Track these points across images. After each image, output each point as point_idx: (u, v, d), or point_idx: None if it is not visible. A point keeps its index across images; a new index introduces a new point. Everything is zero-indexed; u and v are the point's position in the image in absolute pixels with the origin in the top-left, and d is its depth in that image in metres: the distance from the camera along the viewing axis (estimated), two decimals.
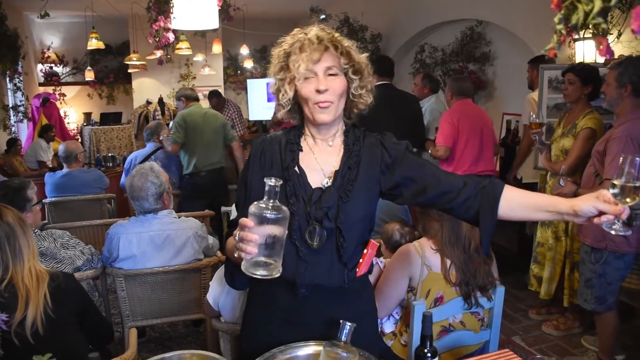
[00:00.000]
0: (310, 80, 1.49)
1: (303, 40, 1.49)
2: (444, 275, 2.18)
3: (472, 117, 4.10)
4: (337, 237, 1.54)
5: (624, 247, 2.88)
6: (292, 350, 1.55)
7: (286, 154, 1.59)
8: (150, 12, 5.04)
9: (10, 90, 7.70)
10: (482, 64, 5.73)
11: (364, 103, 1.59)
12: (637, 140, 2.74)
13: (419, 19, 6.44)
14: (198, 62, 9.76)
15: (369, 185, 1.57)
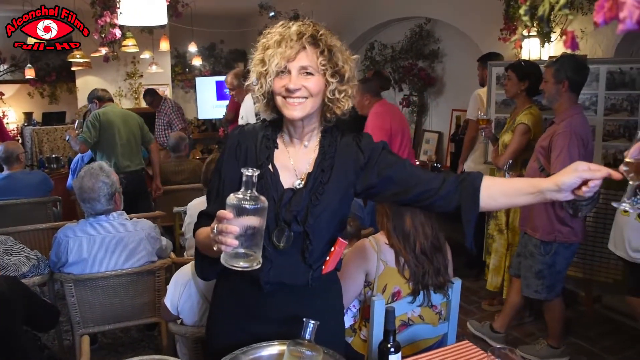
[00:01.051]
0: (283, 77, 1.45)
1: (283, 34, 1.44)
2: (399, 270, 2.19)
3: (397, 116, 4.26)
4: (304, 240, 1.52)
5: (572, 237, 3.01)
6: (256, 350, 1.53)
7: (261, 150, 1.56)
8: (95, 7, 4.87)
9: None
10: (432, 61, 5.83)
11: (340, 108, 1.52)
12: (579, 135, 2.85)
13: (368, 16, 6.49)
14: (145, 59, 9.50)
15: (342, 188, 1.55)
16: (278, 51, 1.42)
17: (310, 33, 1.44)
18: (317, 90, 1.46)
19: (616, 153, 3.73)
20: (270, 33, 1.49)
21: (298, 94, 1.45)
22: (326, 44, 1.45)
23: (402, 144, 4.17)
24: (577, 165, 1.32)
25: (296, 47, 1.42)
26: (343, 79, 1.49)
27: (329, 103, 1.52)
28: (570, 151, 2.82)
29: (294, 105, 1.46)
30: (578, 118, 2.93)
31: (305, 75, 1.45)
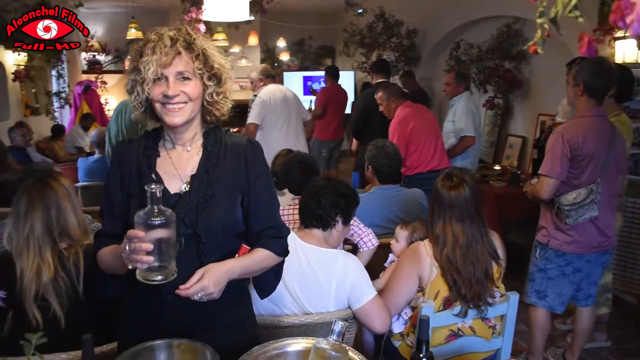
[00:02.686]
0: (160, 83, 1.44)
1: (155, 42, 1.42)
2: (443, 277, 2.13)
3: (421, 117, 4.31)
4: (198, 243, 1.49)
5: (565, 246, 2.85)
6: (283, 345, 1.55)
7: (143, 160, 1.55)
8: (185, 3, 5.09)
9: (54, 77, 7.93)
10: (519, 62, 5.57)
11: (219, 110, 1.55)
12: (567, 137, 2.73)
13: (455, 15, 6.31)
14: (235, 53, 9.84)
15: (231, 191, 1.55)
16: (153, 58, 1.40)
17: (184, 38, 1.44)
18: (195, 94, 1.47)
19: None
20: (142, 40, 1.47)
21: (177, 100, 1.45)
22: (200, 47, 1.46)
23: (426, 144, 4.19)
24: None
25: (171, 53, 1.41)
26: (220, 81, 1.51)
27: (208, 106, 1.53)
28: (554, 152, 2.74)
29: (174, 111, 1.46)
30: (579, 121, 2.80)
31: (182, 81, 1.45)
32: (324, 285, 2.05)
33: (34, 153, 6.19)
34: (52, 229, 1.98)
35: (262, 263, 1.58)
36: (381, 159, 3.14)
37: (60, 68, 7.79)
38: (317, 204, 2.15)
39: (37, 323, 1.89)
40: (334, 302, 2.06)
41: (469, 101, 4.62)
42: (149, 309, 1.56)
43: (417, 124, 4.20)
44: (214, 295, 1.42)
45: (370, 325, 2.09)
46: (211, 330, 1.53)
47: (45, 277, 1.93)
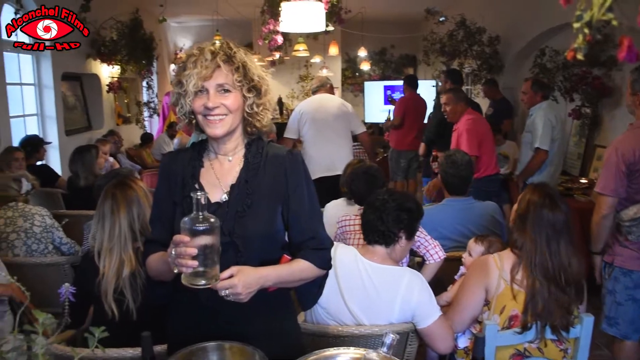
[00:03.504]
0: (202, 96, 1.48)
1: (197, 56, 1.47)
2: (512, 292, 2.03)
3: (487, 125, 4.61)
4: (235, 252, 1.50)
5: (631, 262, 2.63)
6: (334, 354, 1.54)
7: (187, 171, 1.59)
8: (264, 15, 5.24)
9: (145, 88, 8.40)
10: (609, 68, 5.24)
11: (260, 121, 1.57)
12: (621, 151, 2.56)
13: (540, 20, 6.05)
14: (316, 63, 9.98)
15: (270, 201, 1.56)
16: (194, 72, 1.45)
17: (224, 52, 1.48)
18: (235, 106, 1.51)
19: None
20: (186, 55, 1.51)
21: (217, 112, 1.49)
22: (240, 60, 1.49)
23: (492, 147, 4.51)
24: None
25: (211, 66, 1.46)
26: (260, 93, 1.54)
27: (248, 117, 1.56)
28: (609, 167, 2.58)
29: (215, 122, 1.50)
30: (636, 132, 2.60)
31: (222, 93, 1.49)
32: (388, 303, 2.02)
33: (124, 159, 6.60)
34: (134, 226, 2.12)
35: (300, 274, 1.59)
36: (449, 170, 3.06)
37: (150, 79, 8.25)
38: (379, 220, 2.10)
39: (114, 316, 2.02)
40: (397, 320, 2.03)
41: (548, 111, 4.39)
42: (191, 314, 1.61)
43: (485, 129, 4.44)
44: (241, 297, 1.43)
45: (433, 346, 2.05)
46: (252, 338, 1.53)
47: (125, 272, 2.06)
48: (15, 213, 3.19)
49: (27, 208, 3.24)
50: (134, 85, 8.52)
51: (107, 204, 2.17)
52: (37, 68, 5.87)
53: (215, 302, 1.48)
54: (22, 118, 5.73)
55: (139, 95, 8.66)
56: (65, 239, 3.31)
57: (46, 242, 3.25)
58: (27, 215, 3.20)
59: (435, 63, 8.13)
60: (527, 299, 2.01)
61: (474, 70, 7.27)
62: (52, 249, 3.28)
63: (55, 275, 3.06)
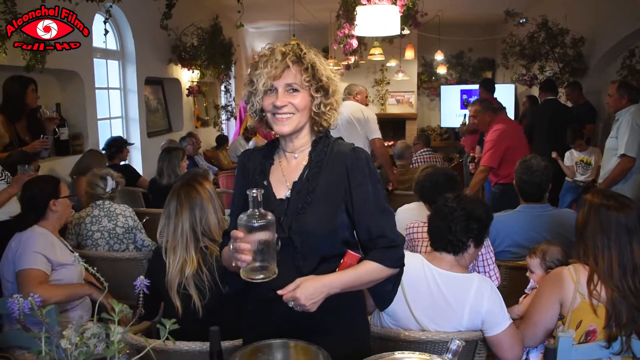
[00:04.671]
0: (271, 95, 1.54)
1: (268, 56, 1.52)
2: (591, 306, 1.94)
3: (518, 132, 4.84)
4: (292, 248, 1.53)
5: None
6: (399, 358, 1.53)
7: (258, 167, 1.65)
8: (339, 19, 5.27)
9: (223, 92, 8.67)
10: None
11: (327, 120, 1.61)
12: None
13: (629, 19, 5.70)
14: (392, 67, 9.92)
15: (331, 198, 1.58)
16: (264, 71, 1.50)
17: (294, 52, 1.53)
18: (303, 105, 1.55)
19: None
20: (258, 55, 1.58)
21: (285, 110, 1.54)
22: (309, 60, 1.54)
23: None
24: None
25: (281, 66, 1.51)
26: (327, 93, 1.58)
27: (315, 117, 1.59)
28: None
29: (283, 120, 1.55)
30: None
31: (291, 92, 1.54)
32: (456, 310, 1.98)
33: (201, 161, 6.84)
34: (196, 227, 2.19)
35: (369, 276, 1.59)
36: (522, 174, 2.96)
37: (228, 84, 8.50)
38: (447, 230, 2.05)
39: (179, 311, 2.10)
40: (466, 327, 1.99)
41: (636, 115, 4.14)
42: (259, 308, 1.67)
43: (513, 136, 4.64)
44: (306, 307, 1.49)
45: (502, 355, 1.99)
46: (320, 334, 1.56)
47: (188, 271, 2.14)
48: (101, 212, 3.34)
49: (113, 207, 3.37)
50: (212, 89, 8.81)
51: (172, 204, 2.26)
52: (122, 73, 6.21)
53: (278, 297, 1.52)
54: (108, 120, 6.08)
55: (217, 99, 8.94)
56: (147, 240, 3.42)
57: (127, 242, 3.37)
58: (111, 216, 3.33)
59: (514, 66, 7.87)
60: (609, 312, 1.91)
61: (556, 73, 6.97)
62: (132, 249, 3.40)
63: (133, 270, 3.18)
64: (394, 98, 10.92)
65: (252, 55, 11.00)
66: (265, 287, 1.53)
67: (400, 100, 10.87)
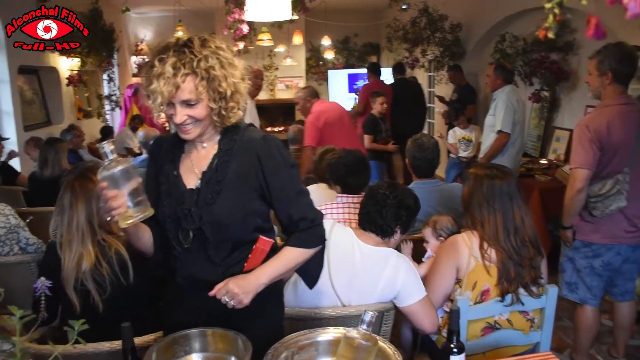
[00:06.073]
0: (169, 108, 1.49)
1: (161, 71, 1.43)
2: (484, 267, 2.11)
3: (334, 110, 5.08)
4: (203, 238, 1.56)
5: (590, 235, 2.81)
6: (314, 335, 1.58)
7: (167, 155, 1.65)
8: (228, 4, 5.18)
9: (106, 81, 8.23)
10: (566, 53, 5.41)
11: (230, 119, 1.56)
12: (593, 128, 2.67)
13: (500, 7, 6.18)
14: (280, 53, 9.94)
15: (242, 187, 1.58)
16: (158, 89, 1.43)
17: (188, 61, 1.43)
18: (203, 115, 1.51)
19: None
20: (148, 61, 1.48)
21: (186, 123, 1.51)
22: (205, 68, 1.45)
23: (340, 134, 4.84)
24: None
25: (176, 83, 1.43)
26: (227, 98, 1.51)
27: (218, 120, 1.55)
28: (582, 144, 2.67)
29: (185, 130, 1.53)
30: (605, 110, 2.72)
31: (188, 106, 1.48)
32: (370, 283, 2.07)
33: (86, 155, 6.46)
34: (92, 220, 2.09)
35: (295, 261, 1.64)
36: (416, 153, 3.12)
37: (111, 72, 8.08)
38: (379, 214, 2.15)
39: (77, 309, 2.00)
40: (378, 299, 2.08)
41: (510, 95, 4.52)
42: (175, 297, 1.66)
43: (330, 116, 4.92)
44: (240, 297, 1.51)
45: (420, 325, 2.10)
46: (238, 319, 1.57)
47: (85, 265, 2.03)
48: None
49: None
50: (94, 78, 8.33)
51: (66, 197, 2.13)
52: None
53: (190, 283, 1.56)
54: None
55: (100, 89, 8.48)
56: (32, 239, 3.11)
57: (11, 243, 3.04)
58: None
59: (398, 50, 8.21)
60: (500, 270, 2.10)
61: (437, 57, 7.37)
62: (17, 250, 3.08)
63: (22, 274, 2.95)
64: (283, 83, 10.97)
65: (135, 42, 10.51)
66: (179, 275, 1.56)
67: (289, 86, 10.94)
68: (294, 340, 1.56)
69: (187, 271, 1.60)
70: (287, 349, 1.52)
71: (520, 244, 2.12)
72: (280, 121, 10.68)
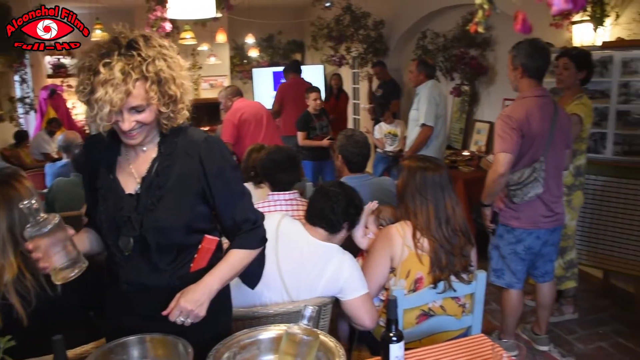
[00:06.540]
0: (115, 115, 1.39)
1: (107, 77, 1.32)
2: (417, 256, 2.18)
3: (251, 108, 5.22)
4: (145, 245, 1.51)
5: (513, 221, 2.97)
6: (256, 334, 1.58)
7: (103, 158, 1.57)
8: (150, 2, 5.03)
9: (18, 82, 7.78)
10: (483, 49, 5.67)
11: (176, 121, 1.50)
12: (514, 117, 2.80)
13: (421, 4, 6.38)
14: (203, 51, 9.77)
15: (184, 191, 1.52)
16: (106, 98, 1.32)
17: (137, 66, 1.35)
18: (150, 119, 1.44)
19: None
20: (90, 65, 1.35)
21: (132, 128, 1.42)
22: (155, 71, 1.37)
23: (255, 131, 5.05)
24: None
25: (124, 91, 1.33)
26: (177, 101, 1.45)
27: (165, 122, 1.50)
28: (504, 132, 2.80)
29: (130, 136, 1.45)
30: (523, 102, 2.88)
31: (137, 112, 1.41)
32: (315, 278, 2.09)
33: None
34: (14, 229, 1.95)
35: (242, 263, 1.61)
36: (350, 148, 3.17)
37: (23, 73, 7.65)
38: (330, 209, 2.20)
39: None
40: (320, 294, 2.10)
41: (432, 89, 4.69)
42: (117, 303, 1.60)
43: (246, 113, 5.04)
44: (195, 312, 1.47)
45: (361, 320, 2.13)
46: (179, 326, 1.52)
47: (7, 278, 1.90)
48: None
49: None
50: (4, 79, 7.85)
51: None
52: None
53: (133, 287, 1.50)
54: None
55: (12, 90, 8.00)
56: None
57: None
58: None
59: (323, 48, 8.28)
60: (432, 259, 2.18)
61: (361, 53, 7.50)
62: None
63: None
64: (207, 82, 10.80)
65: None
66: (124, 281, 1.50)
67: (213, 85, 10.78)
68: (235, 340, 1.55)
69: (132, 278, 1.54)
70: (228, 349, 1.51)
71: (452, 233, 2.20)
72: (205, 121, 10.48)
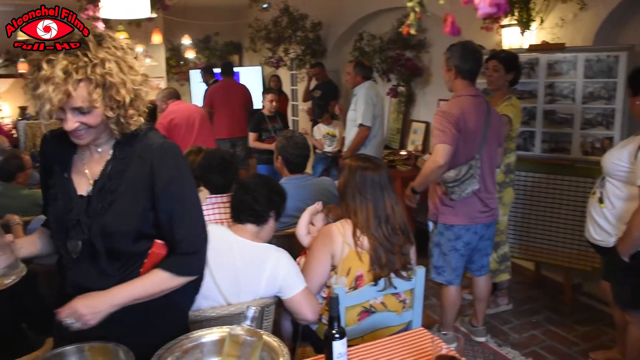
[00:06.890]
0: (59, 113, 1.36)
1: (49, 74, 1.28)
2: (357, 254, 2.22)
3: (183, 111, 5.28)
4: (93, 250, 1.46)
5: (452, 218, 3.08)
6: (198, 337, 1.57)
7: (59, 155, 1.53)
8: (81, 1, 4.87)
9: None
10: (418, 51, 5.81)
11: (129, 127, 1.45)
12: (450, 113, 2.92)
13: (357, 6, 6.47)
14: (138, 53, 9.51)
15: (136, 197, 1.46)
16: (46, 95, 1.29)
17: (82, 66, 1.30)
18: (97, 122, 1.39)
19: (594, 141, 3.74)
20: (35, 59, 1.33)
21: (78, 129, 1.38)
22: (101, 73, 1.32)
23: (186, 133, 5.13)
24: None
25: (67, 91, 1.29)
26: (125, 106, 1.40)
27: (116, 127, 1.44)
28: (442, 126, 2.90)
29: (77, 135, 1.41)
30: (457, 100, 3.00)
31: (81, 114, 1.36)
32: (254, 280, 2.08)
33: None
34: None
35: (160, 287, 1.50)
36: (291, 149, 3.18)
37: None
38: (253, 200, 2.20)
39: None
40: (262, 295, 2.10)
41: (369, 90, 4.79)
42: (63, 304, 1.54)
43: (178, 117, 5.15)
44: (87, 318, 1.38)
45: (303, 315, 2.14)
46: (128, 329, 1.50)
47: None
48: None
49: None
50: None
51: None
52: None
53: (78, 291, 1.45)
54: None
55: None
56: None
57: None
58: None
59: (261, 50, 8.25)
60: (372, 257, 2.22)
61: (299, 55, 7.53)
62: None
63: None
64: None
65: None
66: (70, 285, 1.45)
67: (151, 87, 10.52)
68: (177, 345, 1.53)
69: (78, 282, 1.47)
70: (171, 353, 1.49)
71: (391, 232, 2.25)
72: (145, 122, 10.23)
